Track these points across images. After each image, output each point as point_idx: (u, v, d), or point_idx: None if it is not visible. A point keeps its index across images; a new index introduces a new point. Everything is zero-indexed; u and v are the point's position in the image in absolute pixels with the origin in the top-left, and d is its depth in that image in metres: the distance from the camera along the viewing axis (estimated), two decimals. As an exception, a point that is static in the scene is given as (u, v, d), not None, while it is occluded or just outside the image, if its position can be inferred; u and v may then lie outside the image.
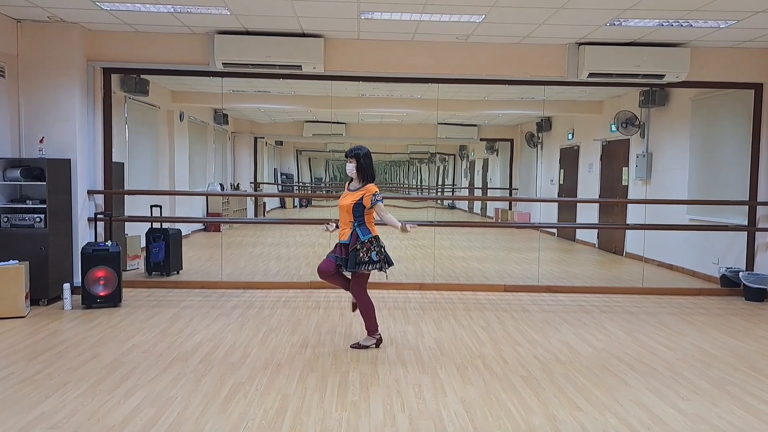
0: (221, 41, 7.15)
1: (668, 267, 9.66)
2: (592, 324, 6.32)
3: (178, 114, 11.88)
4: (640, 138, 10.53)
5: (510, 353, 5.24)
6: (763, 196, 7.85)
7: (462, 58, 7.58)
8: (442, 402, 4.11)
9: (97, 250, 6.66)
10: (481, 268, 9.61)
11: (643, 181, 10.43)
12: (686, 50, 7.39)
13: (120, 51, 7.34)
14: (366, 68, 7.59)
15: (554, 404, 4.10)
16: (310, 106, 11.77)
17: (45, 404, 3.95)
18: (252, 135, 15.62)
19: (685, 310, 7.07)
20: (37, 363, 4.76)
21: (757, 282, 7.58)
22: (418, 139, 15.92)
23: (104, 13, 6.56)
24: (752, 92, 7.87)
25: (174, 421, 3.72)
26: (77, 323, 5.99)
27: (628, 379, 4.65)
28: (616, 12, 6.22)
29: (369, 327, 5.29)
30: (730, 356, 5.28)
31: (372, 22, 6.73)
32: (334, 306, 6.88)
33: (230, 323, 6.08)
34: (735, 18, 6.33)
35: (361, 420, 3.79)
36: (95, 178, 7.52)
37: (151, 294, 7.39)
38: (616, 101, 11.00)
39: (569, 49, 7.53)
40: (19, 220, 6.65)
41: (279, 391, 4.26)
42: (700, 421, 3.88)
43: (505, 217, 15.02)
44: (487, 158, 16.38)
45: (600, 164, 11.86)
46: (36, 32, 6.99)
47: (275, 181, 16.95)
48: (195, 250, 10.75)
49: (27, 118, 7.05)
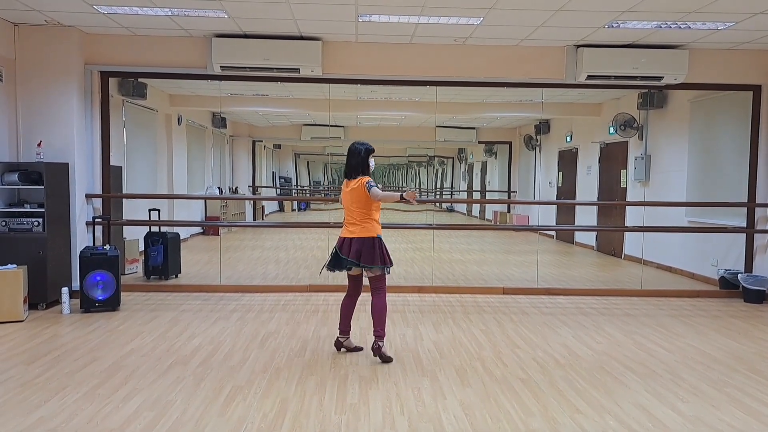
0: (219, 44, 7.14)
1: (667, 269, 9.65)
2: (591, 326, 6.31)
3: (176, 117, 11.88)
4: (639, 140, 10.54)
5: (509, 356, 5.23)
6: (762, 197, 7.85)
7: (460, 61, 7.59)
8: (441, 405, 4.09)
9: (95, 254, 6.65)
10: (479, 270, 9.61)
11: (641, 183, 10.44)
12: (685, 52, 7.40)
13: (118, 54, 7.33)
14: (364, 71, 7.59)
15: (553, 407, 4.09)
16: (308, 109, 11.78)
17: (44, 408, 3.93)
18: (250, 138, 15.63)
19: (684, 312, 7.07)
20: (36, 367, 4.75)
21: (756, 284, 7.58)
22: (416, 142, 15.93)
23: (101, 17, 6.55)
24: (751, 94, 7.87)
25: (173, 425, 3.70)
26: (76, 327, 5.97)
27: (628, 381, 4.64)
28: (614, 14, 6.23)
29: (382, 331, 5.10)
30: (729, 358, 5.27)
31: (370, 24, 6.73)
32: (333, 309, 6.87)
33: (229, 327, 6.06)
34: (733, 19, 6.34)
35: (361, 423, 3.78)
36: (93, 182, 7.51)
37: (149, 298, 7.37)
38: (615, 103, 11.00)
39: (568, 52, 7.54)
40: (17, 224, 6.63)
41: (278, 394, 4.24)
42: (700, 423, 3.87)
43: (504, 219, 15.02)
44: (485, 161, 16.38)
45: (599, 166, 11.87)
46: (33, 36, 6.99)
47: (274, 185, 16.96)
48: (194, 253, 10.73)
49: (25, 122, 7.05)
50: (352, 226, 5.02)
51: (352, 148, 5.10)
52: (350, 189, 5.04)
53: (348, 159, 5.10)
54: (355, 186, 5.00)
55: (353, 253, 4.94)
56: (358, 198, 4.98)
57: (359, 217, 5.00)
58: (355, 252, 4.94)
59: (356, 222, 5.01)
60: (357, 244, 4.95)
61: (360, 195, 4.96)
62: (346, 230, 5.06)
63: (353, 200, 5.01)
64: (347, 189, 5.08)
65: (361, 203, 4.98)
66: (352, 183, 5.04)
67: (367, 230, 4.98)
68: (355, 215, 5.01)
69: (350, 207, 5.04)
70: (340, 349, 5.27)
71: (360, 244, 4.95)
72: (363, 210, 5.00)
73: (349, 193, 5.05)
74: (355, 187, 5.00)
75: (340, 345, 5.27)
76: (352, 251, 4.95)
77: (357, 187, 4.99)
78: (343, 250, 5.00)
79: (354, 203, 5.01)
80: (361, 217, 5.00)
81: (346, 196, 5.08)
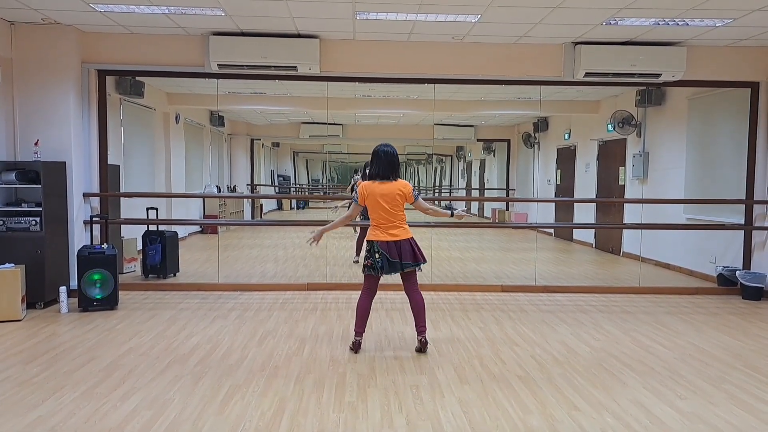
0: (216, 42, 7.13)
1: (665, 266, 9.66)
2: (589, 324, 6.32)
3: (174, 116, 11.85)
4: (637, 137, 10.54)
5: (507, 353, 5.23)
6: (760, 194, 7.85)
7: (458, 59, 7.58)
8: (439, 403, 4.09)
9: (93, 253, 6.64)
10: (478, 268, 9.61)
11: (640, 181, 10.44)
12: (682, 49, 7.39)
13: (115, 53, 7.32)
14: (362, 69, 7.58)
15: (552, 404, 4.10)
16: (306, 107, 11.76)
17: (42, 407, 3.93)
18: (248, 137, 15.60)
19: (682, 309, 7.07)
20: (34, 366, 4.74)
21: (754, 280, 7.58)
22: (415, 140, 15.92)
23: (98, 15, 6.54)
24: (749, 91, 7.87)
25: (171, 424, 3.70)
26: (74, 326, 5.97)
27: (626, 378, 4.64)
28: (612, 11, 6.22)
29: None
30: (727, 355, 5.28)
31: (368, 22, 6.72)
32: (331, 308, 6.87)
33: (227, 325, 6.06)
34: (731, 16, 6.34)
35: (359, 421, 3.78)
36: (91, 181, 7.50)
37: (147, 297, 7.37)
38: (613, 101, 11.00)
39: (565, 49, 7.53)
40: (14, 223, 6.62)
41: (276, 392, 4.24)
42: (698, 420, 3.87)
43: (503, 217, 15.03)
44: (484, 159, 16.38)
45: (597, 164, 11.87)
46: (30, 34, 6.97)
47: (272, 183, 16.94)
48: (192, 252, 10.73)
49: (22, 121, 7.03)
50: (395, 229, 5.08)
51: (392, 151, 5.18)
52: (389, 191, 5.07)
53: (387, 159, 5.13)
54: (402, 190, 5.08)
55: (408, 256, 5.07)
56: (394, 201, 5.07)
57: (398, 219, 5.10)
58: (409, 253, 5.07)
59: (397, 224, 5.09)
60: (407, 245, 5.09)
61: (400, 199, 5.08)
62: (386, 233, 5.07)
63: (392, 203, 5.06)
64: (380, 191, 5.07)
65: (400, 207, 5.11)
66: (389, 185, 5.09)
67: (407, 231, 5.14)
68: (393, 217, 5.08)
69: (387, 209, 5.06)
70: (358, 351, 5.20)
71: (409, 245, 5.10)
72: (401, 212, 5.13)
73: (386, 194, 5.06)
74: (403, 190, 5.08)
75: (359, 346, 5.23)
76: (405, 253, 5.06)
77: (402, 191, 5.09)
78: (392, 253, 5.04)
79: (392, 206, 5.07)
80: (400, 219, 5.12)
81: (380, 198, 5.06)
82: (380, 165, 5.13)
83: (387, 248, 5.05)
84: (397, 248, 5.06)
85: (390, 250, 5.04)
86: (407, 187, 5.13)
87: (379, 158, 5.15)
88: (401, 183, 5.12)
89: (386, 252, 5.04)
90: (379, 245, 5.06)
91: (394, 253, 5.04)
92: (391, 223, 5.07)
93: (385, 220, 5.07)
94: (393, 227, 5.07)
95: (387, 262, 5.04)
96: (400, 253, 5.05)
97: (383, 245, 5.06)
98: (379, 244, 5.06)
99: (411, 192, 5.12)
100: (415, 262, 5.09)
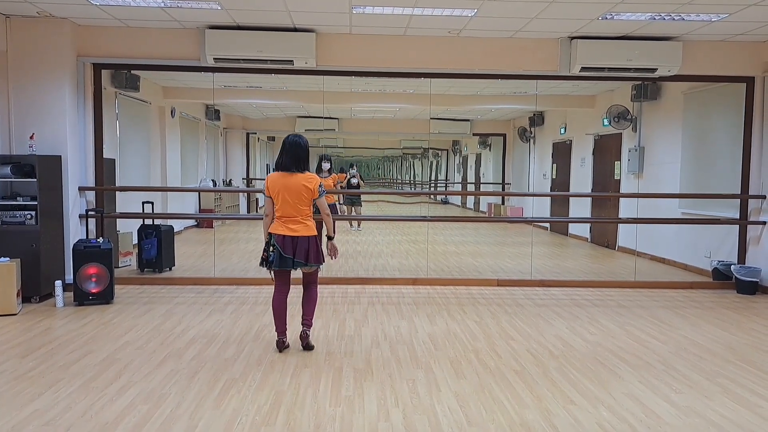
0: (212, 36, 7.11)
1: (660, 260, 9.70)
2: (585, 318, 6.34)
3: (170, 110, 11.83)
4: (633, 132, 10.56)
5: (503, 347, 5.25)
6: (755, 189, 7.88)
7: (454, 53, 7.57)
8: (435, 396, 4.11)
9: (88, 247, 6.63)
10: (474, 262, 9.62)
11: (635, 175, 10.46)
12: (678, 44, 7.40)
13: (110, 46, 7.29)
14: (358, 63, 7.56)
15: (548, 398, 4.11)
16: (302, 101, 11.74)
17: (38, 401, 3.93)
18: (244, 131, 15.59)
19: (677, 303, 7.10)
20: (30, 360, 4.74)
21: (749, 275, 7.62)
22: (411, 134, 15.93)
23: (94, 8, 6.51)
24: (744, 86, 7.89)
25: (167, 418, 3.70)
26: (69, 320, 5.96)
27: (621, 372, 4.66)
28: (608, 5, 6.22)
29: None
30: (722, 349, 5.31)
31: (364, 16, 6.70)
32: (327, 301, 6.88)
33: (223, 319, 6.06)
34: (727, 11, 6.34)
35: (355, 415, 3.79)
36: (86, 175, 7.47)
37: (143, 291, 7.36)
38: (609, 95, 11.02)
39: (562, 43, 7.53)
40: (10, 217, 6.60)
41: (273, 386, 4.25)
42: (693, 413, 3.90)
43: (498, 211, 15.06)
44: (479, 153, 16.40)
45: (592, 158, 11.89)
46: (25, 28, 6.93)
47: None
48: (187, 246, 10.71)
49: (17, 115, 7.00)
50: (295, 224, 4.86)
51: (299, 141, 4.92)
52: (293, 184, 4.84)
53: (292, 150, 4.88)
54: (305, 183, 4.84)
55: (301, 254, 4.85)
56: (298, 195, 4.83)
57: (301, 214, 4.88)
58: (304, 252, 4.85)
59: (299, 219, 4.87)
60: (304, 242, 4.87)
61: (306, 193, 4.85)
62: (285, 227, 4.85)
63: (295, 196, 4.83)
64: (285, 182, 4.85)
65: (304, 201, 4.86)
66: (296, 177, 4.85)
67: (309, 228, 4.90)
68: (296, 211, 4.86)
69: (290, 202, 4.83)
70: (282, 350, 5.03)
71: (307, 243, 4.87)
72: (305, 207, 4.89)
73: (290, 187, 4.84)
74: (305, 184, 4.84)
75: (283, 345, 5.04)
76: (300, 251, 4.85)
77: (306, 185, 4.85)
78: (286, 249, 4.82)
79: (296, 199, 4.83)
80: (303, 214, 4.88)
81: (285, 190, 4.83)
82: (285, 156, 4.89)
83: (282, 242, 4.82)
84: (293, 244, 4.83)
85: (285, 245, 4.82)
86: (313, 181, 4.87)
87: (284, 149, 4.91)
88: (307, 176, 4.88)
89: (281, 246, 4.82)
90: (275, 239, 4.85)
91: (288, 248, 4.82)
92: (292, 218, 4.85)
93: (287, 214, 4.84)
94: (293, 222, 4.85)
95: (279, 257, 4.83)
96: (294, 249, 4.83)
97: (279, 239, 4.83)
98: (275, 238, 4.85)
99: (317, 187, 4.88)
100: (306, 262, 4.87)
